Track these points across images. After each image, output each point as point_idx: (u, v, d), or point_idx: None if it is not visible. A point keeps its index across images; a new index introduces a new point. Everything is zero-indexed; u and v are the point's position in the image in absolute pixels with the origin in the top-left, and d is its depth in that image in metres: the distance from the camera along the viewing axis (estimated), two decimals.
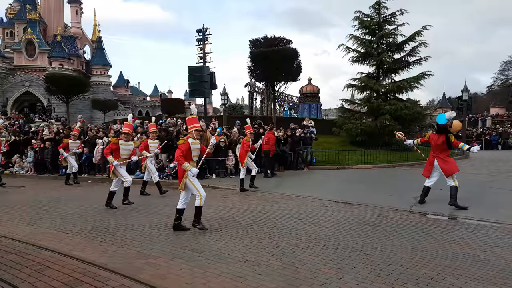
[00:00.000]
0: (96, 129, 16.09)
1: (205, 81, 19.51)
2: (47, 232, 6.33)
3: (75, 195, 10.43)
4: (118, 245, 5.54)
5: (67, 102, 37.62)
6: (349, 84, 21.97)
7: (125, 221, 7.08)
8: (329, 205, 8.36)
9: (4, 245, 5.52)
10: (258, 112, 40.09)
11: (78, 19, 67.97)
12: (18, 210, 8.23)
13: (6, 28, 62.12)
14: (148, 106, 73.44)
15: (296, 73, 25.16)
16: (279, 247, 5.32)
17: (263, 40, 30.88)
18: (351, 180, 12.51)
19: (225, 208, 8.15)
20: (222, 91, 36.64)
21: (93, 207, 8.51)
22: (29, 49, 57.73)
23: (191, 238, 5.83)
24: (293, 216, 7.22)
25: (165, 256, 5.01)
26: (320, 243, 5.50)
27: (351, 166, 15.37)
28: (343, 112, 22.59)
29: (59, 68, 54.55)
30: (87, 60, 68.16)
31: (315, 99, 34.46)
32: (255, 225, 6.58)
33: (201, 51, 22.45)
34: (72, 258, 4.95)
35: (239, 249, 5.25)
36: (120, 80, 72.76)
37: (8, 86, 55.14)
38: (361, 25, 21.77)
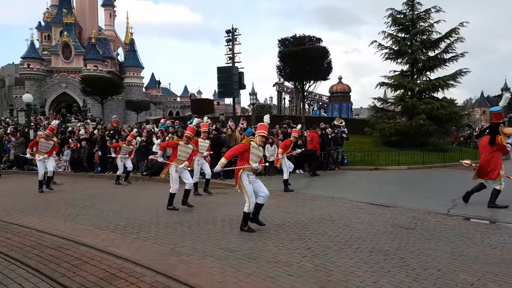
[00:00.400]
0: (130, 129, 16.52)
1: (234, 81, 19.65)
2: (84, 228, 6.55)
3: (110, 192, 10.74)
4: (152, 242, 5.65)
5: (102, 102, 38.93)
6: (382, 82, 21.48)
7: (158, 218, 7.22)
8: (361, 206, 8.19)
9: (45, 240, 5.75)
10: (286, 111, 39.91)
11: (112, 22, 70.11)
12: (57, 207, 8.56)
13: (44, 31, 64.90)
14: (178, 106, 74.76)
15: (326, 71, 24.85)
16: (311, 249, 5.25)
17: (292, 39, 30.64)
18: (384, 182, 12.21)
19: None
20: (251, 90, 36.68)
21: (127, 204, 8.74)
22: (65, 51, 60.09)
23: (222, 237, 5.86)
24: (325, 218, 7.12)
25: (196, 254, 5.06)
26: (353, 246, 5.39)
27: (384, 167, 15.00)
28: (375, 112, 22.07)
29: (94, 70, 56.52)
30: (120, 62, 70.21)
31: (345, 98, 33.84)
32: (285, 226, 6.54)
33: (230, 52, 22.60)
34: (108, 253, 5.09)
35: (269, 250, 5.23)
36: (152, 81, 74.47)
37: (46, 88, 57.62)
38: (394, 22, 21.24)
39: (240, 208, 7.80)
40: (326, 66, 24.57)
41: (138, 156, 14.30)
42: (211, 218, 7.17)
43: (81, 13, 64.90)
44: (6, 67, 67.80)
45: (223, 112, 45.02)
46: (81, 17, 64.63)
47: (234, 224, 6.73)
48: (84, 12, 65.14)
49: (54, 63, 59.91)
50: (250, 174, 6.25)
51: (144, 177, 13.67)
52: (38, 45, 62.31)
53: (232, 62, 22.29)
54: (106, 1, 68.43)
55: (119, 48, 71.94)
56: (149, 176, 13.53)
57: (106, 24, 69.39)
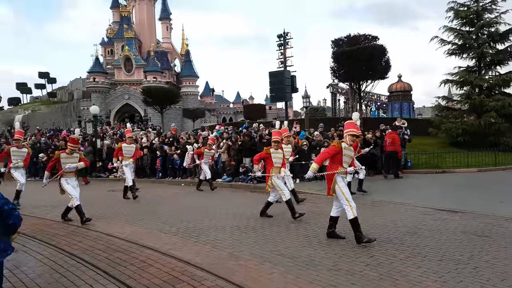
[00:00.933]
0: (187, 136, 17.09)
1: (286, 85, 19.56)
2: (148, 231, 6.82)
3: (171, 197, 11.14)
4: (211, 246, 5.73)
5: (161, 112, 40.90)
6: (446, 79, 20.21)
7: (216, 222, 7.33)
8: (428, 212, 7.68)
9: (113, 243, 6.07)
10: (341, 113, 39.01)
11: (169, 34, 73.50)
12: (124, 211, 9.03)
13: (107, 47, 69.75)
14: (231, 112, 76.30)
15: (384, 70, 24.00)
16: (374, 257, 5.01)
17: (347, 39, 29.96)
18: (452, 185, 11.41)
19: (311, 213, 7.97)
20: (304, 94, 36.39)
21: (187, 209, 8.99)
22: (127, 65, 63.98)
23: (279, 243, 5.80)
24: (388, 224, 6.77)
25: (255, 259, 5.05)
26: (420, 254, 5.06)
27: (452, 170, 14.04)
28: (440, 111, 20.80)
29: (153, 81, 59.51)
30: (177, 72, 73.32)
31: (406, 97, 32.17)
32: (345, 233, 6.30)
33: (282, 56, 22.57)
34: (170, 257, 5.24)
35: (330, 257, 5.07)
36: (206, 89, 76.82)
37: (110, 99, 61.66)
38: (456, 16, 19.94)
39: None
40: (384, 65, 23.72)
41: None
42: (267, 224, 7.14)
43: (140, 27, 68.87)
44: (74, 81, 73.66)
45: (276, 117, 45.14)
46: (140, 32, 68.55)
47: (290, 229, 6.64)
48: (143, 27, 69.04)
49: (117, 76, 63.98)
50: (344, 177, 5.92)
51: (186, 181, 14.00)
52: (102, 60, 67.01)
53: (284, 66, 22.24)
54: (163, 15, 71.99)
55: (176, 59, 75.16)
56: (205, 181, 13.83)
57: (163, 37, 72.92)
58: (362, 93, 26.17)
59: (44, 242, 6.28)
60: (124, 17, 66.60)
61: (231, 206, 9.20)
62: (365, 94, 28.33)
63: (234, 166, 13.56)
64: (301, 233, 6.37)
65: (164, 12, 72.19)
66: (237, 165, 13.52)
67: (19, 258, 5.37)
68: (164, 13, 72.10)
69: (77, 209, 7.61)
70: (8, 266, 4.94)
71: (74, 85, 72.98)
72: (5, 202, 2.91)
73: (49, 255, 5.56)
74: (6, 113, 68.95)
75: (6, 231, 3.00)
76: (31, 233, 6.86)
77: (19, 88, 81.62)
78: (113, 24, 71.76)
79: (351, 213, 5.59)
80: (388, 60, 24.07)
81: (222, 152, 13.99)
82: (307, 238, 6.05)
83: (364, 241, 5.51)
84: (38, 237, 6.58)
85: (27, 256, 5.56)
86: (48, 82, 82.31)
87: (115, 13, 71.60)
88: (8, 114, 66.20)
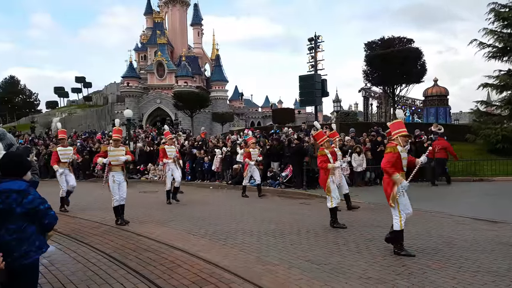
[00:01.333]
0: (217, 140, 17.26)
1: (316, 89, 19.39)
2: (177, 233, 6.92)
3: (198, 200, 11.25)
4: (239, 249, 5.74)
5: (191, 116, 41.57)
6: (485, 83, 19.35)
7: (244, 226, 7.34)
8: (464, 222, 7.37)
9: (144, 243, 6.19)
10: (374, 118, 38.23)
11: (200, 40, 74.77)
12: (154, 212, 9.20)
13: (140, 52, 71.79)
14: (260, 116, 76.47)
15: (420, 74, 23.36)
16: (406, 266, 4.85)
17: (380, 41, 29.47)
18: (491, 194, 10.90)
19: (341, 220, 7.82)
20: (334, 98, 35.91)
21: (215, 211, 9.06)
22: (159, 70, 65.53)
23: (307, 249, 5.72)
24: (421, 233, 6.53)
25: (282, 264, 5.00)
26: (455, 265, 4.85)
27: (490, 178, 13.41)
28: (478, 116, 19.94)
29: (184, 86, 60.61)
30: (207, 77, 74.39)
31: (442, 101, 31.11)
32: (376, 240, 6.15)
33: (312, 60, 22.39)
34: (199, 258, 5.29)
35: (359, 265, 4.95)
36: (235, 93, 77.42)
37: (143, 104, 63.28)
38: (497, 18, 19.07)
39: (325, 219, 7.59)
40: (419, 68, 23.10)
41: (224, 166, 14.85)
42: (295, 229, 7.07)
43: (172, 33, 70.45)
44: (109, 86, 76.32)
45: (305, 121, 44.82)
46: (172, 37, 70.12)
47: (319, 236, 6.54)
48: (175, 33, 70.59)
49: (150, 80, 65.64)
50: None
51: (229, 186, 14.09)
52: (135, 65, 69.00)
53: (314, 69, 22.06)
54: (194, 20, 73.35)
55: (206, 64, 76.30)
56: (233, 184, 13.92)
57: (194, 42, 74.25)
58: (396, 97, 25.57)
59: (78, 240, 6.50)
60: (157, 23, 68.36)
61: (258, 210, 9.19)
62: (399, 98, 27.64)
63: (261, 170, 13.55)
64: (331, 239, 6.26)
65: (196, 18, 73.55)
66: (265, 169, 13.50)
67: (55, 256, 5.58)
68: (195, 18, 73.46)
69: (115, 210, 7.81)
70: (44, 263, 5.15)
71: (108, 89, 75.58)
72: (41, 201, 3.03)
73: (82, 253, 5.74)
74: (44, 116, 72.00)
75: (42, 230, 3.12)
76: (66, 232, 7.11)
77: (56, 92, 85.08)
78: (146, 30, 73.81)
79: (399, 225, 5.35)
80: (424, 64, 23.42)
81: None
82: (336, 245, 5.94)
83: (402, 254, 5.28)
84: (72, 236, 6.82)
85: (62, 254, 5.77)
86: (84, 86, 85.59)
87: (149, 19, 73.66)
88: (46, 117, 69.16)
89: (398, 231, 5.35)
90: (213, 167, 15.19)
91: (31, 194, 2.98)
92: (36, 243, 3.01)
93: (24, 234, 2.94)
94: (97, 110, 69.56)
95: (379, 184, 13.04)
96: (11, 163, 3.04)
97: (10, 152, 3.11)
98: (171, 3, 70.26)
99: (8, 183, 2.94)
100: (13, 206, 2.89)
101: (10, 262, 2.84)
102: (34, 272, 3.11)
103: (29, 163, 3.22)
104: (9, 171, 3.01)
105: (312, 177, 12.56)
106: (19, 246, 2.91)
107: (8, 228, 2.89)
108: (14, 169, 3.03)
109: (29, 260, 2.97)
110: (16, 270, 2.91)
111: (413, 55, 22.52)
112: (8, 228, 2.89)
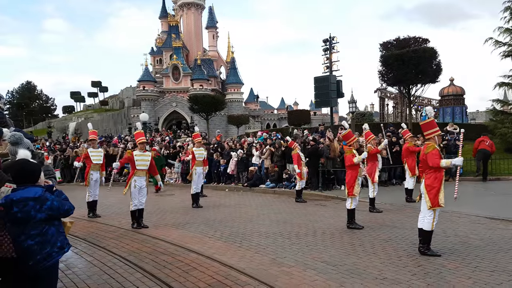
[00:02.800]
0: (233, 143, 17.35)
1: (331, 90, 19.28)
2: (193, 235, 7.01)
3: (214, 202, 11.36)
4: (254, 251, 5.79)
5: (207, 118, 41.87)
6: (501, 82, 18.95)
7: (259, 228, 7.39)
8: (480, 221, 7.26)
9: (159, 246, 6.30)
10: (390, 118, 37.80)
11: (215, 43, 75.26)
12: (170, 215, 9.34)
13: (156, 56, 72.66)
14: (275, 118, 76.39)
15: (435, 74, 23.02)
16: (422, 266, 4.82)
17: (396, 41, 29.18)
18: (507, 193, 10.66)
19: (357, 221, 7.80)
20: (350, 98, 35.71)
21: (231, 214, 9.14)
22: (175, 73, 66.21)
23: (322, 250, 5.73)
24: (438, 233, 6.45)
25: (298, 266, 5.03)
26: (471, 264, 4.80)
27: (507, 177, 13.14)
28: (495, 115, 19.51)
29: (200, 89, 61.08)
30: (223, 79, 74.80)
31: (459, 101, 30.65)
32: (392, 241, 6.12)
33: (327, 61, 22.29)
34: (214, 261, 5.36)
35: (375, 266, 4.94)
36: (251, 95, 77.58)
37: (159, 107, 64.04)
38: None
39: (341, 220, 7.58)
40: (434, 68, 22.78)
41: (239, 168, 14.93)
42: (311, 230, 7.08)
43: (187, 36, 71.11)
44: (125, 90, 77.39)
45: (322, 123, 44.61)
46: (187, 41, 70.77)
47: (335, 237, 6.54)
48: (191, 36, 71.24)
49: (165, 84, 66.38)
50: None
51: (245, 188, 14.16)
52: (151, 69, 69.87)
53: (329, 71, 21.95)
54: (209, 23, 73.90)
55: (221, 67, 76.74)
56: (249, 187, 13.99)
57: (209, 45, 74.76)
58: (412, 97, 25.22)
59: (94, 244, 6.62)
60: (172, 26, 69.12)
61: (274, 212, 9.22)
62: (415, 98, 27.27)
63: (277, 172, 13.58)
64: (346, 241, 6.26)
65: (211, 21, 74.08)
66: (280, 171, 13.52)
67: (71, 260, 5.70)
68: (210, 22, 73.99)
69: (132, 214, 7.89)
70: (60, 267, 5.27)
71: (124, 93, 76.69)
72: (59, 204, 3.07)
73: (99, 257, 5.85)
74: (60, 120, 73.52)
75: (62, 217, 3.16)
76: (82, 236, 7.25)
77: (73, 96, 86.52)
78: (161, 34, 74.70)
79: (431, 225, 5.29)
80: (439, 63, 23.06)
81: (265, 158, 14.07)
82: (352, 246, 5.94)
83: (429, 254, 5.27)
84: (89, 240, 6.95)
85: (78, 257, 5.88)
86: (100, 90, 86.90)
87: (164, 23, 74.53)
88: (63, 122, 70.68)
89: (429, 231, 5.32)
90: (229, 170, 15.28)
91: (49, 199, 3.01)
92: (58, 244, 3.04)
93: (46, 237, 2.97)
94: (113, 114, 70.60)
95: (395, 185, 12.93)
96: (23, 171, 3.05)
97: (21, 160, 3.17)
98: (186, 6, 70.98)
99: (23, 191, 2.95)
100: (31, 213, 2.90)
101: (32, 265, 2.89)
102: (55, 273, 3.16)
103: (40, 167, 3.20)
104: (22, 179, 3.03)
105: (327, 178, 12.52)
106: (41, 249, 2.94)
107: (29, 234, 2.90)
108: (27, 177, 3.04)
109: (51, 262, 3.00)
110: (39, 272, 2.94)
111: (428, 55, 22.25)
112: (30, 234, 2.91)
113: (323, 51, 21.80)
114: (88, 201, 9.44)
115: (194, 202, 10.46)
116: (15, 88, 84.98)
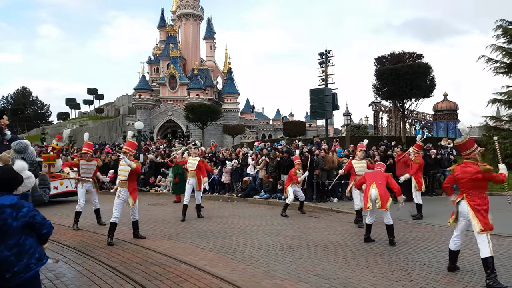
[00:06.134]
0: (229, 152, 17.30)
1: (326, 103, 19.40)
2: (185, 246, 6.93)
3: (207, 212, 11.25)
4: (247, 263, 5.73)
5: (202, 128, 41.85)
6: (494, 99, 19.28)
7: (252, 239, 7.32)
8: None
9: (150, 257, 6.21)
10: (384, 131, 38.09)
11: (212, 53, 75.78)
12: (161, 225, 9.24)
13: (153, 65, 72.99)
14: (271, 129, 76.56)
15: (429, 89, 23.39)
16: (415, 281, 4.80)
17: (390, 56, 29.66)
18: (500, 208, 10.65)
19: (351, 234, 7.78)
20: (345, 111, 35.94)
21: (223, 225, 9.06)
22: (171, 82, 66.38)
23: (316, 263, 5.69)
24: (430, 248, 6.47)
25: (291, 279, 4.98)
26: (464, 280, 4.79)
27: (499, 193, 13.19)
28: (487, 131, 19.79)
29: (196, 98, 61.22)
30: (219, 89, 75.09)
31: (452, 116, 31.15)
32: (385, 255, 6.09)
33: (323, 74, 22.47)
34: (206, 272, 5.29)
35: (368, 279, 4.91)
36: (247, 106, 77.84)
37: (154, 116, 64.02)
38: (504, 34, 19.07)
39: (335, 233, 7.54)
40: (428, 83, 23.13)
41: (234, 178, 14.86)
42: (304, 243, 7.04)
43: (185, 46, 71.59)
44: (121, 97, 77.29)
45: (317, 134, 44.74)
46: (185, 50, 71.20)
47: (328, 250, 6.49)
48: (188, 46, 71.70)
49: (162, 93, 66.47)
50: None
51: (239, 198, 14.09)
52: (148, 78, 70.03)
53: (325, 83, 22.12)
54: (207, 34, 74.50)
55: (218, 77, 77.11)
56: (243, 197, 13.92)
57: (207, 56, 75.26)
58: (406, 111, 25.52)
59: (84, 253, 6.52)
60: (170, 36, 69.56)
61: (267, 223, 9.16)
62: (409, 112, 27.61)
63: (271, 183, 13.54)
64: (340, 254, 6.22)
65: (209, 31, 74.68)
66: (275, 182, 13.49)
67: (60, 269, 5.59)
68: (208, 32, 74.58)
69: (110, 225, 7.36)
70: (49, 277, 5.20)
71: (120, 101, 76.57)
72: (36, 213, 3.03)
73: (88, 266, 5.74)
74: (55, 127, 72.83)
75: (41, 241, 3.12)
76: (72, 245, 7.14)
77: (68, 103, 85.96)
78: (159, 43, 75.13)
79: (489, 251, 4.74)
80: (433, 79, 23.50)
81: (260, 169, 14.03)
82: (345, 259, 5.90)
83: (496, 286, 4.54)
84: (79, 249, 6.84)
85: (68, 267, 5.78)
86: (96, 98, 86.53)
87: (162, 32, 75.03)
88: (57, 128, 70.08)
89: (490, 257, 4.73)
90: (223, 179, 15.21)
91: (25, 206, 2.97)
92: (36, 255, 2.99)
93: (23, 248, 2.92)
94: (108, 122, 70.29)
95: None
96: (2, 180, 3.01)
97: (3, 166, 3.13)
98: (185, 17, 71.60)
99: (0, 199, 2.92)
100: (9, 221, 2.86)
101: (10, 277, 2.82)
102: (36, 285, 3.07)
103: (22, 178, 3.13)
104: (1, 186, 3.00)
105: (322, 190, 12.51)
106: (19, 261, 2.88)
107: (7, 244, 2.86)
108: (6, 185, 3.01)
109: (30, 273, 2.93)
110: (18, 285, 2.87)
111: (422, 70, 22.67)
112: (7, 244, 2.86)
113: (319, 64, 21.99)
114: (76, 210, 9.13)
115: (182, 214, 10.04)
116: (10, 94, 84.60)
